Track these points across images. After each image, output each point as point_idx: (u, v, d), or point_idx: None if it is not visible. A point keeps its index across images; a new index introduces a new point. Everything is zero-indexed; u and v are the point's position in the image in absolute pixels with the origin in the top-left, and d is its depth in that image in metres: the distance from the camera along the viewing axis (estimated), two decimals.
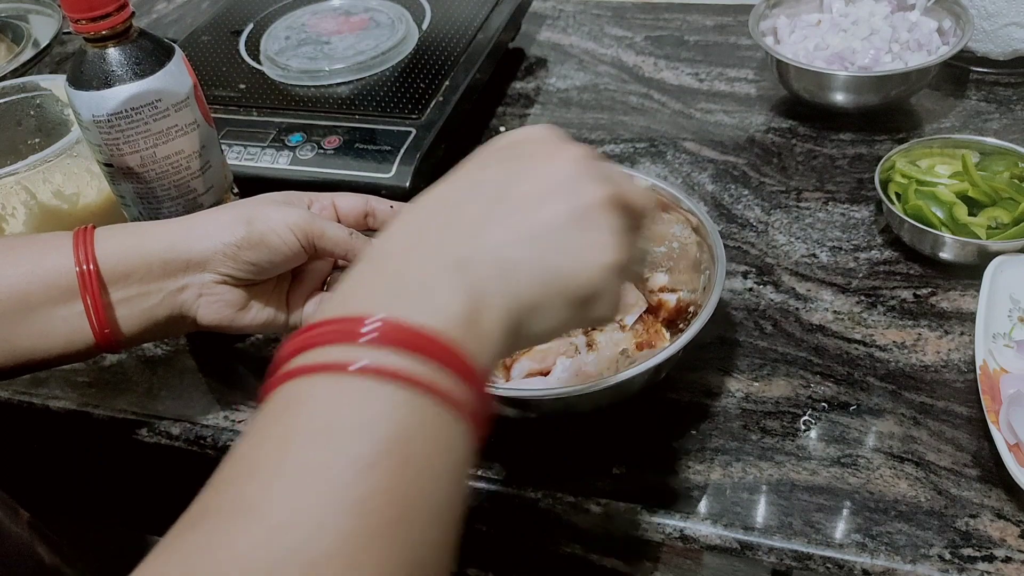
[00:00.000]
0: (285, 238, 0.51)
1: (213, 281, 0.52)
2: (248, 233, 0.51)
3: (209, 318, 0.53)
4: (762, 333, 0.63)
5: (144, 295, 0.51)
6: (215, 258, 0.51)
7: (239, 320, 0.54)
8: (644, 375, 0.51)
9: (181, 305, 0.52)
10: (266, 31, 0.90)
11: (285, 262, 0.53)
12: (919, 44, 0.80)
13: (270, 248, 0.51)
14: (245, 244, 0.51)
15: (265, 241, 0.51)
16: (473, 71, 0.83)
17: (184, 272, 0.51)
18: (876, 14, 0.83)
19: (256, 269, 0.52)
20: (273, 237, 0.51)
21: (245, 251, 0.51)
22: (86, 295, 0.49)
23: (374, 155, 0.73)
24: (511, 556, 0.61)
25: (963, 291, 0.64)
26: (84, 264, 0.49)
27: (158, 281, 0.51)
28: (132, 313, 0.51)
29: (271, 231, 0.51)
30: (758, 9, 0.85)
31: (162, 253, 0.51)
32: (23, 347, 0.49)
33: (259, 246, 0.51)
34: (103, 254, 0.50)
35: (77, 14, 0.52)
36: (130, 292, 0.50)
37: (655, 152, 0.81)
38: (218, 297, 0.52)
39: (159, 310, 0.51)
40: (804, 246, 0.69)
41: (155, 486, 0.71)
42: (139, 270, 0.50)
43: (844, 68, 0.79)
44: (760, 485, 0.53)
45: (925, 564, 0.48)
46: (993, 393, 0.53)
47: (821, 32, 0.83)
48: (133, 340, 0.52)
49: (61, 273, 0.49)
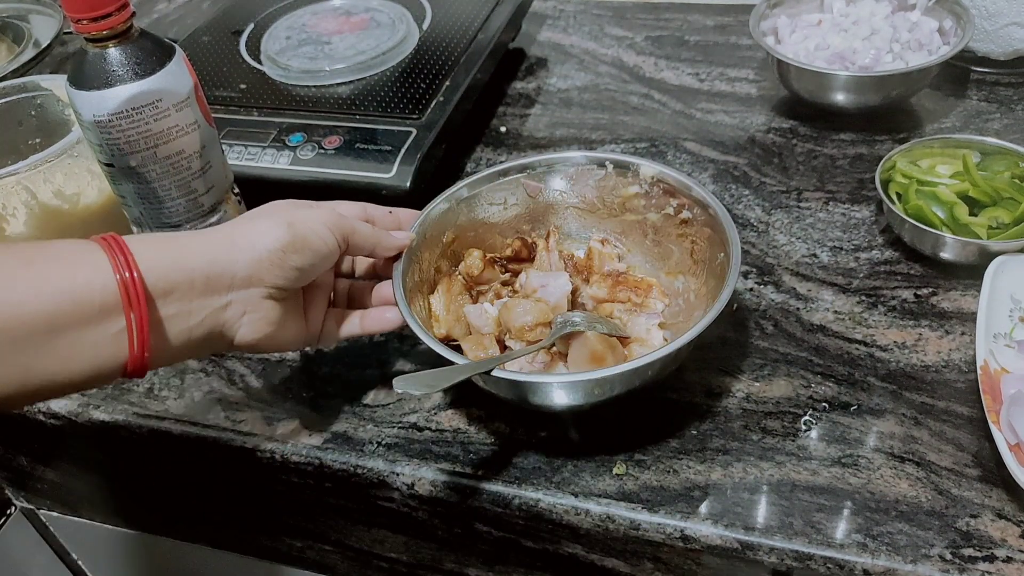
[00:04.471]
0: (325, 238, 0.51)
1: (260, 296, 0.50)
2: (292, 236, 0.50)
3: (249, 336, 0.50)
4: (763, 333, 0.63)
5: (185, 314, 0.47)
6: (262, 268, 0.49)
7: (277, 338, 0.52)
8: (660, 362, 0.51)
9: (224, 324, 0.49)
10: (267, 31, 0.90)
11: (323, 263, 0.52)
12: (920, 44, 0.80)
13: (313, 249, 0.51)
14: (291, 248, 0.50)
15: (308, 242, 0.51)
16: (474, 71, 0.83)
17: (229, 289, 0.48)
18: (877, 14, 0.83)
19: (300, 274, 0.51)
20: (314, 238, 0.51)
21: (291, 255, 0.50)
22: (131, 311, 0.43)
23: (375, 155, 0.73)
24: (511, 556, 0.61)
25: (964, 291, 0.64)
26: (127, 273, 0.43)
27: (201, 298, 0.47)
28: (172, 334, 0.46)
29: (312, 232, 0.51)
30: (759, 9, 0.85)
31: (205, 268, 0.47)
32: (40, 375, 0.42)
33: (303, 248, 0.50)
34: (148, 265, 0.45)
35: (78, 14, 0.52)
36: (170, 310, 0.46)
37: (656, 152, 0.81)
38: (262, 314, 0.50)
39: (198, 330, 0.48)
40: (805, 246, 0.69)
41: (154, 486, 0.71)
42: (181, 286, 0.46)
43: (845, 68, 0.79)
44: (761, 485, 0.53)
45: (926, 564, 0.48)
46: (994, 393, 0.53)
47: (822, 32, 0.83)
48: (164, 362, 0.48)
49: (96, 288, 0.43)
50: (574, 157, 0.67)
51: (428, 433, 0.59)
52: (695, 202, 0.62)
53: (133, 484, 0.72)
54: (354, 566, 0.70)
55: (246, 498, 0.68)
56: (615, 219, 0.67)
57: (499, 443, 0.58)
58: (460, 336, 0.60)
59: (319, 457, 0.58)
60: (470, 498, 0.56)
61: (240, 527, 0.73)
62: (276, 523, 0.69)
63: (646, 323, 0.61)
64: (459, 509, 0.57)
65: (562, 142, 0.84)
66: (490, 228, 0.67)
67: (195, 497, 0.71)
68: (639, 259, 0.66)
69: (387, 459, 0.57)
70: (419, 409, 0.61)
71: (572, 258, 0.66)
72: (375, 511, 0.61)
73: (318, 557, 0.71)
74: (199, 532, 0.75)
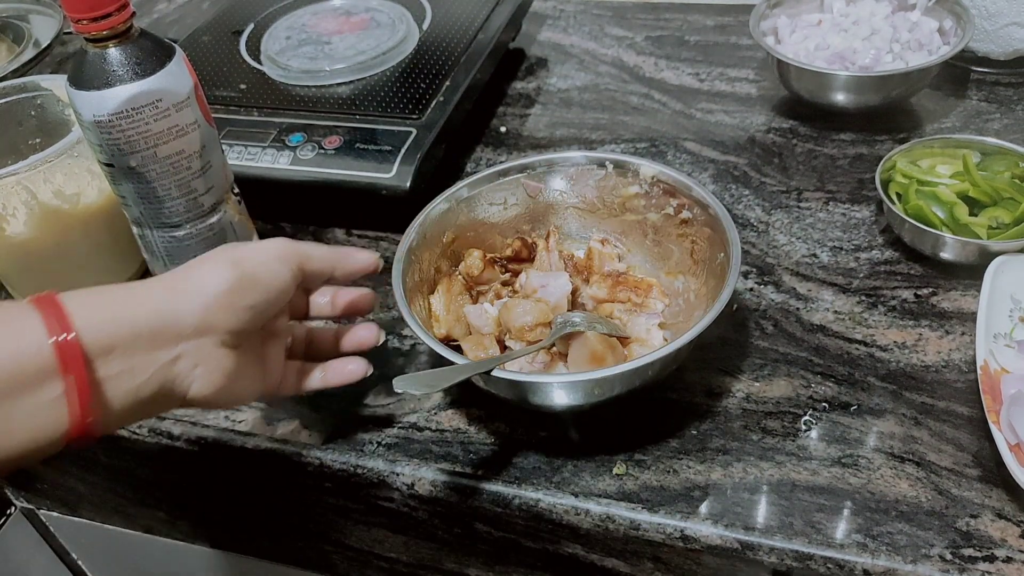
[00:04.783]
0: (276, 271, 0.48)
1: (213, 345, 0.46)
2: (240, 274, 0.46)
3: (204, 390, 0.47)
4: (763, 333, 0.63)
5: (130, 372, 0.43)
6: (211, 313, 0.45)
7: (234, 390, 0.48)
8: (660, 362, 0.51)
9: (175, 379, 0.45)
10: (267, 31, 0.90)
11: (279, 298, 0.49)
12: (920, 44, 0.80)
13: (264, 285, 0.48)
14: (239, 287, 0.46)
15: (257, 278, 0.47)
16: (474, 71, 0.83)
17: (178, 340, 0.44)
18: (877, 14, 0.83)
19: (253, 313, 0.47)
20: (264, 273, 0.48)
21: (241, 294, 0.46)
22: (69, 374, 0.40)
23: (375, 155, 0.73)
24: (511, 556, 0.61)
25: (964, 291, 0.64)
26: (62, 334, 0.40)
27: (146, 353, 0.43)
28: (116, 395, 0.43)
29: (260, 266, 0.48)
30: (759, 9, 0.85)
31: (149, 320, 0.44)
32: None
33: (253, 286, 0.47)
34: (83, 324, 0.41)
35: (78, 14, 0.52)
36: (113, 369, 0.42)
37: (656, 152, 0.81)
38: (216, 365, 0.47)
39: (146, 388, 0.44)
40: (805, 246, 0.69)
41: (154, 486, 0.71)
42: (124, 342, 0.42)
43: (845, 68, 0.79)
44: (761, 485, 0.53)
45: (926, 564, 0.48)
46: (994, 393, 0.53)
47: (822, 32, 0.83)
48: (114, 425, 0.44)
49: (29, 353, 0.39)
50: (574, 157, 0.67)
51: (428, 433, 0.59)
52: (695, 202, 0.62)
53: (133, 484, 0.72)
54: (354, 566, 0.70)
55: (246, 498, 0.68)
56: (615, 219, 0.67)
57: (499, 443, 0.58)
58: (460, 336, 0.60)
59: (319, 457, 0.58)
60: (470, 498, 0.56)
61: (240, 527, 0.73)
62: (276, 523, 0.69)
63: (646, 323, 0.61)
64: (459, 509, 0.57)
65: (562, 142, 0.84)
66: (490, 228, 0.67)
67: (195, 497, 0.71)
68: (639, 259, 0.66)
69: (387, 459, 0.57)
70: (419, 409, 0.61)
71: (572, 258, 0.66)
72: (375, 511, 0.61)
73: (318, 557, 0.71)
74: (199, 532, 0.75)
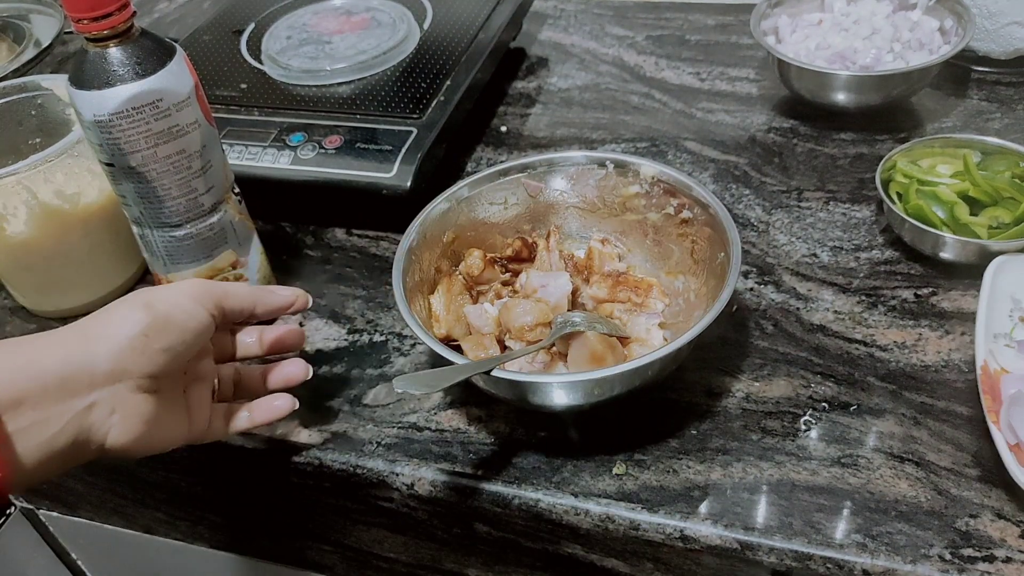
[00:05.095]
0: (191, 311, 0.47)
1: (129, 391, 0.45)
2: (152, 317, 0.45)
3: (122, 439, 0.45)
4: (763, 333, 0.63)
5: (42, 423, 0.42)
6: (124, 358, 0.44)
7: (154, 437, 0.47)
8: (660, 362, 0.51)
9: (90, 428, 0.44)
10: (267, 31, 0.90)
11: (196, 339, 0.48)
12: (921, 43, 0.80)
13: (179, 327, 0.47)
14: (152, 329, 0.45)
15: (172, 320, 0.46)
16: (474, 70, 0.83)
17: (90, 388, 0.43)
18: (878, 13, 0.83)
19: (169, 356, 0.46)
20: (179, 314, 0.47)
21: (155, 338, 0.45)
22: None
23: (375, 155, 0.73)
24: (511, 556, 0.61)
25: (964, 291, 0.64)
26: None
27: (57, 404, 0.42)
28: (28, 448, 0.41)
29: (175, 307, 0.47)
30: (759, 8, 0.85)
31: (58, 370, 0.43)
32: None
33: (167, 328, 0.46)
34: None
35: (79, 13, 0.53)
36: (23, 422, 0.41)
37: (656, 151, 0.81)
38: (133, 410, 0.45)
39: (60, 439, 0.43)
40: (805, 246, 0.69)
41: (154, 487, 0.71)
42: (32, 394, 0.41)
43: (846, 68, 0.79)
44: (760, 485, 0.53)
45: (925, 564, 0.48)
46: (994, 393, 0.53)
47: (823, 32, 0.83)
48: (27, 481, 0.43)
49: None
50: (575, 157, 0.67)
51: (428, 433, 0.59)
52: (695, 202, 0.62)
53: (133, 484, 0.72)
54: (353, 566, 0.70)
55: (246, 498, 0.68)
56: (615, 219, 0.67)
57: (499, 443, 0.58)
58: (460, 336, 0.60)
59: (319, 457, 0.58)
60: (470, 498, 0.56)
61: (240, 527, 0.73)
62: (276, 523, 0.69)
63: (646, 323, 0.61)
64: (459, 509, 0.57)
65: (563, 142, 0.84)
66: (490, 228, 0.67)
67: (194, 497, 0.71)
68: (639, 259, 0.66)
69: (387, 459, 0.57)
70: (419, 409, 0.61)
71: (572, 258, 0.66)
72: (375, 511, 0.61)
73: (318, 557, 0.71)
74: (199, 532, 0.75)
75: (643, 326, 0.60)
